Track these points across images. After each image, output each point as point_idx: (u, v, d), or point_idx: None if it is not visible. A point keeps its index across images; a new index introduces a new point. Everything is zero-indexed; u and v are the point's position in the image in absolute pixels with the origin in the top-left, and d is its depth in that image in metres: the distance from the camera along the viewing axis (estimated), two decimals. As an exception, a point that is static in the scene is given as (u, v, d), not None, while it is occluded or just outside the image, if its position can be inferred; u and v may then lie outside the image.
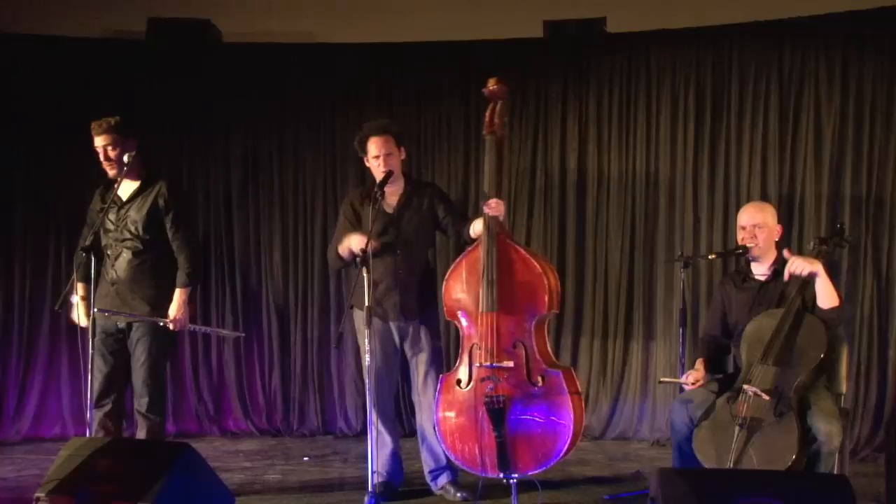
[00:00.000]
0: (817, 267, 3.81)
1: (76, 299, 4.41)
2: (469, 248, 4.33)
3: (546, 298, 4.16)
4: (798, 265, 3.82)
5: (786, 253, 3.95)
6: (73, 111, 6.07)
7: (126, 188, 4.45)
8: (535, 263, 4.22)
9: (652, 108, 6.04)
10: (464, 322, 4.28)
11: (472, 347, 4.23)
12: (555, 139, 6.17)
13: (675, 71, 5.98)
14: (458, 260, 4.34)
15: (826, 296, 3.84)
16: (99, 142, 4.38)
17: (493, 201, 4.20)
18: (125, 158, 4.31)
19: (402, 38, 6.22)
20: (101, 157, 4.38)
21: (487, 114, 4.35)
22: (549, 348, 4.31)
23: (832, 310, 3.85)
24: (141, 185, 4.45)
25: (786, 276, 3.89)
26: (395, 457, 4.61)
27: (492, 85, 4.35)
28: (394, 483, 4.60)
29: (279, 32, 6.41)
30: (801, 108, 5.74)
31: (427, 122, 6.28)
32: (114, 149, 4.36)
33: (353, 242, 4.29)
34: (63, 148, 6.09)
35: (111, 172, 4.40)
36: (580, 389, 4.28)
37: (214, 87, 6.32)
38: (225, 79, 6.33)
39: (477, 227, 4.26)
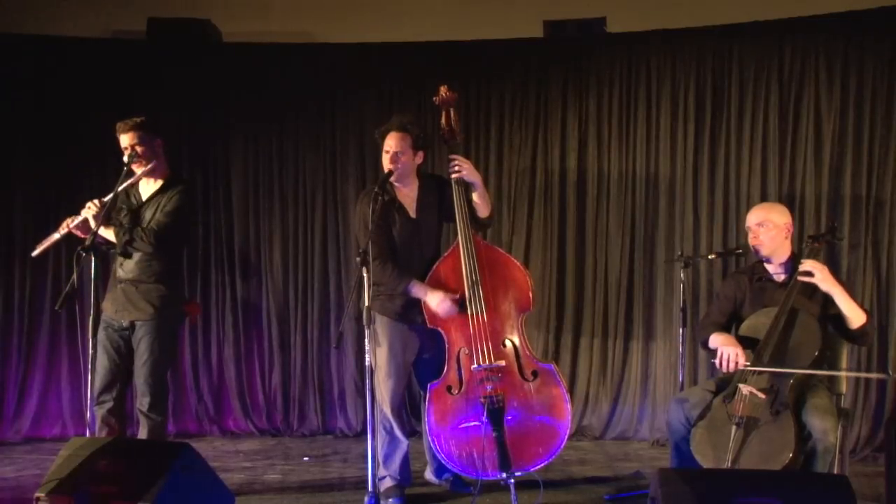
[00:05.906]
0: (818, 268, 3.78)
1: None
2: (445, 254, 4.36)
3: (530, 294, 4.28)
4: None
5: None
6: (74, 111, 6.10)
7: (147, 188, 4.47)
8: (514, 261, 4.37)
9: (652, 108, 6.03)
10: (450, 328, 4.26)
11: (459, 352, 4.23)
12: (555, 139, 6.17)
13: (675, 71, 5.98)
14: (435, 267, 4.33)
15: (852, 315, 3.82)
16: (126, 140, 4.37)
17: (456, 159, 4.34)
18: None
19: (402, 38, 6.22)
20: (127, 156, 4.35)
21: (444, 121, 4.42)
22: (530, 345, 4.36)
23: (862, 327, 3.84)
24: (162, 186, 4.46)
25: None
26: (408, 459, 4.54)
27: (444, 92, 4.41)
28: (405, 485, 4.52)
29: (279, 32, 6.41)
30: (801, 108, 5.73)
31: (427, 123, 6.26)
32: (141, 146, 4.36)
33: (434, 302, 4.20)
34: (63, 148, 6.10)
35: (140, 170, 4.38)
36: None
37: (214, 87, 6.32)
38: (225, 79, 6.33)
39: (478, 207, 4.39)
